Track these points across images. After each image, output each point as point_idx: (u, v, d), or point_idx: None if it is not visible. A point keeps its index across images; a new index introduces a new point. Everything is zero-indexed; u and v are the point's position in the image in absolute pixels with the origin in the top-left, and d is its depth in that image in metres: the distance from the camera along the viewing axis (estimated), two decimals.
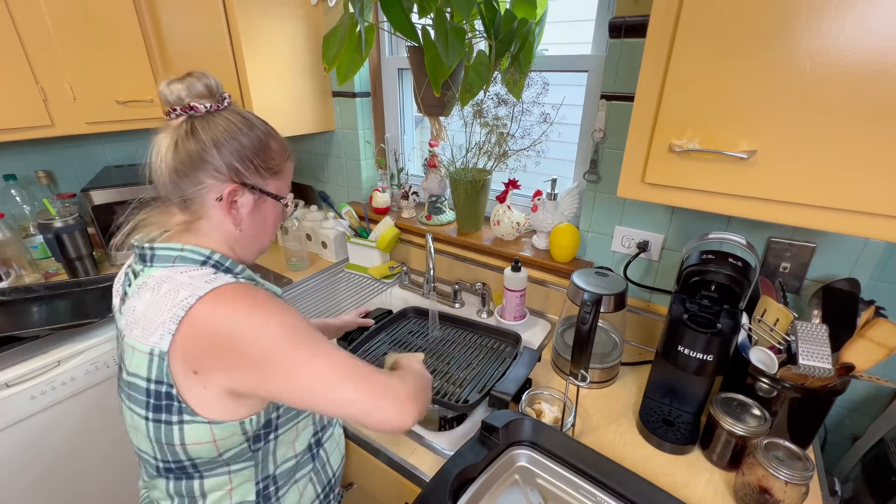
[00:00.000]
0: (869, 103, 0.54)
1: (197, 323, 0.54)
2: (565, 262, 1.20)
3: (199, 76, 0.62)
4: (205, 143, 0.60)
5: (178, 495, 0.65)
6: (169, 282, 0.57)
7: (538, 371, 1.06)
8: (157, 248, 0.61)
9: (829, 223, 0.62)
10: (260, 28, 1.28)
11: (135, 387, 0.58)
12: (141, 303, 0.58)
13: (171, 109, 0.61)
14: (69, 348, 1.19)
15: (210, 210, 0.63)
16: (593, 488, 0.73)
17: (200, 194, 0.61)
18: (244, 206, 0.64)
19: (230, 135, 0.61)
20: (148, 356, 0.56)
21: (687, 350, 0.81)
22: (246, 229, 0.65)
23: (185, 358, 0.55)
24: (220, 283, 0.56)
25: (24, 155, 1.57)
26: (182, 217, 0.64)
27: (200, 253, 0.61)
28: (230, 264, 0.64)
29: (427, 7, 0.97)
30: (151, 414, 0.58)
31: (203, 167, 0.60)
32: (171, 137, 0.61)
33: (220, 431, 0.59)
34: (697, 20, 0.61)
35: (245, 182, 0.63)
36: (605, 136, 1.06)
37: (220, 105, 0.63)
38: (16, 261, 1.40)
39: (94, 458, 1.32)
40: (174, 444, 0.59)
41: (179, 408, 0.57)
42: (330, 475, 0.80)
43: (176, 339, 0.54)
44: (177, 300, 0.55)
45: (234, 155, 0.61)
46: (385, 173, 1.55)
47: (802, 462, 0.69)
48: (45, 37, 1.30)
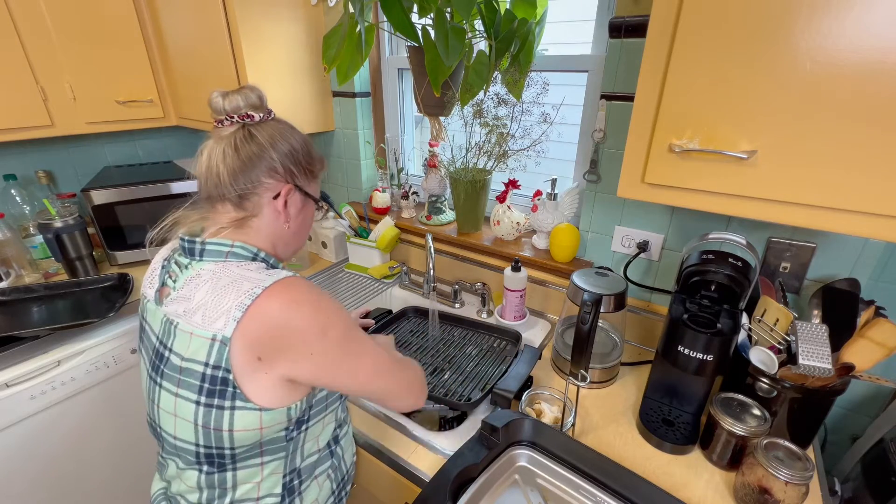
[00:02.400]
0: (869, 103, 0.54)
1: (264, 311, 0.57)
2: (565, 262, 1.20)
3: (253, 88, 0.68)
4: (263, 145, 0.66)
5: (210, 487, 0.67)
6: (228, 274, 0.61)
7: (538, 371, 1.06)
8: (209, 242, 0.64)
9: (829, 223, 0.62)
10: (260, 28, 1.28)
11: (189, 371, 0.60)
12: (200, 292, 0.61)
13: (225, 118, 0.66)
14: (69, 348, 1.19)
15: (265, 208, 0.67)
16: (593, 488, 0.73)
17: (258, 192, 0.66)
18: (293, 205, 0.70)
19: (283, 138, 0.67)
20: (209, 342, 0.58)
21: (687, 350, 0.81)
22: (293, 228, 0.71)
23: (250, 344, 0.58)
24: (281, 276, 0.61)
25: (24, 155, 1.57)
26: (235, 214, 0.67)
27: (249, 250, 0.66)
28: (273, 261, 0.69)
29: (427, 7, 0.97)
30: (204, 398, 0.60)
31: (262, 166, 0.65)
32: (226, 142, 0.65)
33: (267, 418, 0.61)
34: (697, 20, 0.61)
35: (297, 183, 0.69)
36: (605, 136, 1.06)
37: (268, 115, 0.69)
38: (16, 261, 1.40)
39: (94, 457, 1.32)
40: (222, 429, 0.61)
41: (233, 393, 0.59)
42: (344, 472, 0.82)
43: (241, 327, 0.57)
44: (242, 290, 0.58)
45: (289, 157, 0.67)
46: (385, 173, 1.55)
47: (802, 462, 0.69)
48: (45, 37, 1.30)
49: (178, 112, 1.64)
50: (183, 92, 1.56)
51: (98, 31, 1.39)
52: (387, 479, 0.89)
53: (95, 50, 1.40)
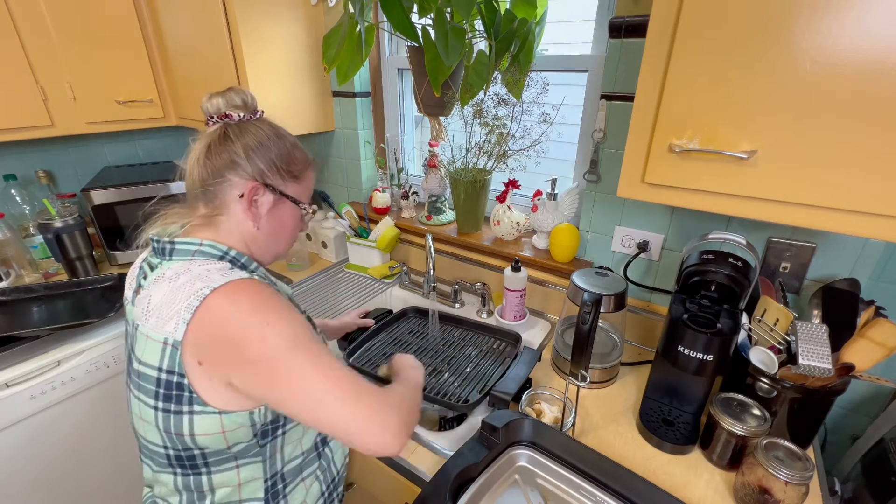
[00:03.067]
0: (869, 103, 0.54)
1: (208, 314, 0.55)
2: (565, 262, 1.20)
3: (238, 91, 0.68)
4: (233, 142, 0.65)
5: (187, 490, 0.66)
6: (186, 273, 0.59)
7: (538, 371, 1.06)
8: (177, 242, 0.63)
9: (829, 223, 0.62)
10: (260, 28, 1.28)
11: (145, 376, 0.59)
12: (158, 293, 0.59)
13: (208, 118, 0.67)
14: (69, 348, 1.19)
15: (231, 205, 0.66)
16: (593, 488, 0.73)
17: (223, 188, 0.65)
18: (263, 205, 0.67)
19: (259, 140, 0.66)
20: (161, 345, 0.57)
21: (687, 350, 0.81)
22: (263, 228, 0.68)
23: (194, 348, 0.56)
24: (235, 277, 0.58)
25: (24, 155, 1.57)
26: (204, 210, 0.67)
27: (219, 248, 0.64)
28: (245, 261, 0.67)
29: (427, 7, 0.97)
30: (161, 403, 0.59)
31: (230, 166, 0.65)
32: (205, 141, 0.66)
33: (228, 422, 0.60)
34: (697, 20, 0.61)
35: (267, 182, 0.67)
36: (605, 136, 1.06)
37: (252, 116, 0.68)
38: (16, 261, 1.40)
39: (94, 457, 1.32)
40: (183, 434, 0.60)
41: (190, 398, 0.58)
42: (334, 473, 0.81)
43: (189, 329, 0.55)
44: (193, 290, 0.56)
45: (259, 155, 0.66)
46: (385, 173, 1.55)
47: (802, 462, 0.69)
48: (45, 37, 1.30)
49: (178, 112, 1.64)
50: (183, 92, 1.56)
51: (98, 31, 1.39)
52: (386, 479, 0.89)
53: (95, 50, 1.40)
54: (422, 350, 1.14)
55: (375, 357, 1.10)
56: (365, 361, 1.09)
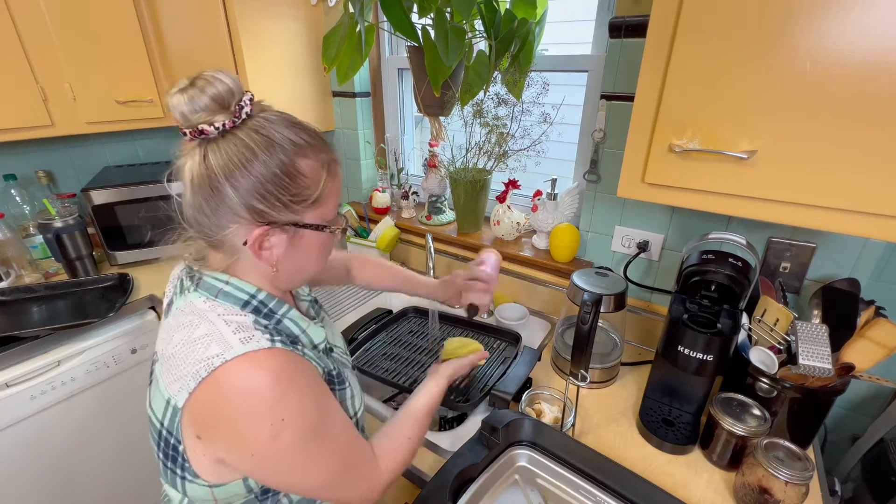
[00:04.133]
0: (869, 103, 0.54)
1: (215, 389, 0.49)
2: (565, 262, 1.20)
3: (204, 85, 0.50)
4: (217, 178, 0.50)
5: None
6: (205, 323, 0.53)
7: (538, 371, 1.06)
8: (206, 275, 0.57)
9: (829, 223, 0.62)
10: (260, 28, 1.28)
11: (151, 423, 0.57)
12: (178, 337, 0.54)
13: (181, 130, 0.52)
14: (69, 348, 1.19)
15: (241, 253, 0.56)
16: (593, 488, 0.73)
17: (227, 239, 0.54)
18: (277, 245, 0.55)
19: (245, 165, 0.50)
20: (165, 402, 0.53)
21: (687, 350, 0.81)
22: (284, 267, 0.58)
23: (194, 419, 0.51)
24: (253, 348, 0.50)
25: (24, 155, 1.56)
26: (217, 255, 0.58)
27: (245, 291, 0.57)
28: (274, 305, 0.59)
29: (427, 7, 0.97)
30: (161, 455, 0.57)
31: (221, 208, 0.52)
32: (189, 168, 0.52)
33: (221, 493, 0.56)
34: (697, 20, 0.61)
35: (273, 221, 0.53)
36: (605, 136, 1.06)
37: (235, 119, 0.51)
38: (16, 261, 1.40)
39: (95, 458, 1.32)
40: (178, 490, 0.58)
41: (183, 465, 0.55)
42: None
43: (191, 398, 0.50)
44: (205, 355, 0.50)
45: (252, 193, 0.51)
46: (385, 173, 1.55)
47: (802, 462, 0.69)
48: (45, 37, 1.30)
49: None
50: None
51: (98, 31, 1.39)
52: None
53: (95, 50, 1.40)
54: (422, 350, 1.14)
55: (375, 357, 1.10)
56: (365, 361, 1.09)
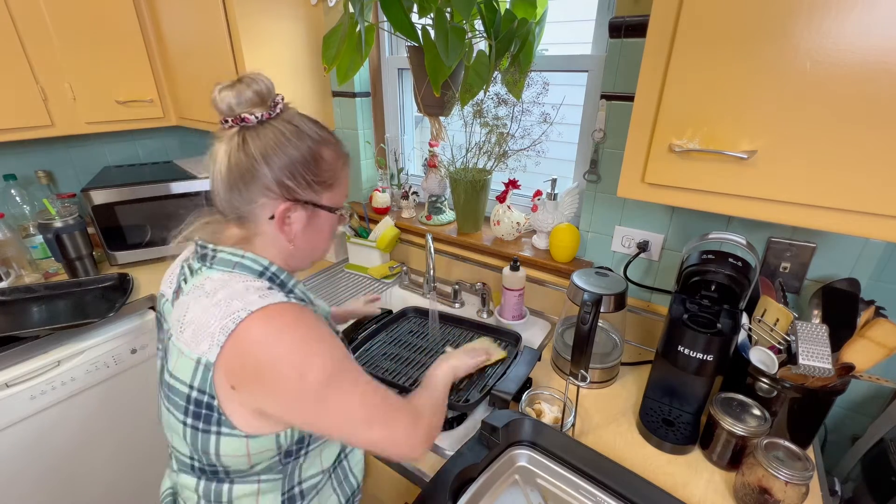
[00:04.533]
0: (869, 103, 0.54)
1: (243, 339, 0.54)
2: (565, 262, 1.20)
3: (249, 82, 0.60)
4: (255, 157, 0.59)
5: (206, 498, 0.66)
6: (224, 289, 0.57)
7: (538, 371, 1.06)
8: (220, 250, 0.62)
9: (829, 223, 0.62)
10: (260, 28, 1.28)
11: (175, 390, 0.59)
12: (195, 306, 0.58)
13: (223, 119, 0.60)
14: (69, 348, 1.19)
15: (264, 226, 0.63)
16: (593, 488, 0.73)
17: (254, 212, 0.62)
18: (297, 221, 0.64)
19: (279, 147, 0.60)
20: (195, 363, 0.56)
21: (687, 350, 0.81)
22: (299, 244, 0.65)
23: (227, 372, 0.55)
24: (272, 301, 0.56)
25: (24, 155, 1.57)
26: (238, 232, 0.64)
27: (260, 263, 0.62)
28: (285, 277, 0.65)
29: (427, 7, 0.97)
30: (190, 420, 0.58)
31: (254, 184, 0.60)
32: (225, 150, 0.60)
33: (255, 445, 0.59)
34: (697, 20, 0.61)
35: (297, 199, 0.62)
36: (605, 136, 1.06)
37: (272, 112, 0.61)
38: (16, 261, 1.40)
39: (95, 458, 1.32)
40: (209, 452, 0.59)
41: (219, 419, 0.57)
42: (353, 486, 0.80)
43: (223, 352, 0.54)
44: (229, 311, 0.55)
45: (284, 171, 0.60)
46: (385, 173, 1.55)
47: (802, 462, 0.69)
48: (45, 37, 1.30)
49: (178, 112, 1.64)
50: (183, 92, 1.56)
51: (98, 31, 1.39)
52: (387, 479, 0.89)
53: (95, 50, 1.40)
54: (422, 350, 1.14)
55: (375, 357, 1.10)
56: (365, 361, 1.08)
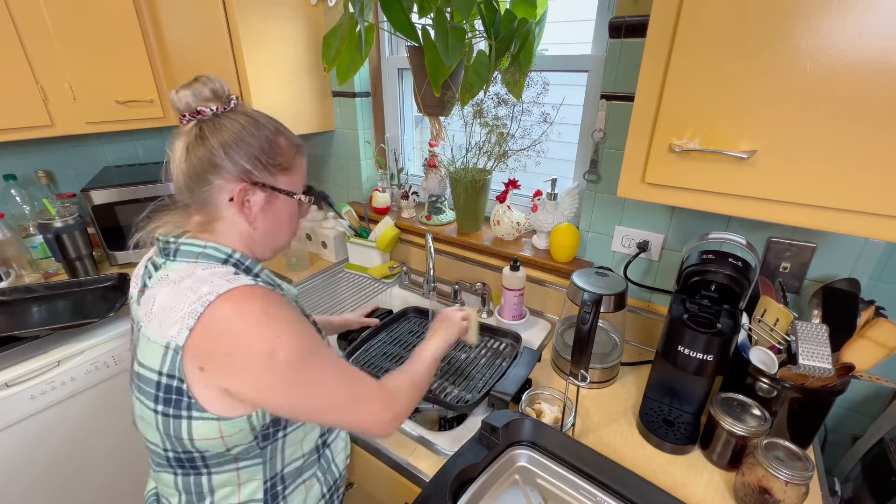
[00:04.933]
0: (869, 103, 0.54)
1: (212, 320, 0.55)
2: (565, 262, 1.20)
3: (205, 81, 0.63)
4: (213, 145, 0.61)
5: (186, 491, 0.66)
6: (190, 277, 0.59)
7: (538, 371, 1.06)
8: (182, 243, 0.63)
9: (829, 223, 0.62)
10: (260, 28, 1.28)
11: (145, 378, 0.59)
12: (161, 295, 0.59)
13: (181, 116, 0.63)
14: (69, 348, 1.19)
15: (224, 211, 0.65)
16: (593, 488, 0.73)
17: (213, 195, 0.63)
18: (256, 203, 0.65)
19: (237, 136, 0.62)
20: (163, 349, 0.57)
21: (687, 350, 0.81)
22: (260, 227, 0.67)
23: (196, 354, 0.56)
24: (240, 284, 0.58)
25: (24, 155, 1.56)
26: (199, 218, 0.66)
27: (222, 251, 0.64)
28: (250, 263, 0.66)
29: (427, 7, 0.97)
30: (161, 407, 0.59)
31: (213, 169, 0.62)
32: (182, 143, 0.63)
33: (227, 427, 0.60)
34: (697, 20, 0.61)
35: (255, 181, 0.64)
36: (605, 136, 1.06)
37: (226, 107, 0.64)
38: (16, 261, 1.40)
39: (94, 458, 1.32)
40: (182, 437, 0.60)
41: (189, 403, 0.58)
42: (336, 475, 0.81)
43: (192, 335, 0.55)
44: (197, 295, 0.56)
45: (242, 155, 0.63)
46: (385, 173, 1.55)
47: (802, 462, 0.69)
48: (45, 37, 1.30)
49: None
50: None
51: (98, 31, 1.39)
52: (386, 479, 0.89)
53: (95, 50, 1.40)
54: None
55: (375, 357, 1.10)
56: (365, 361, 1.09)
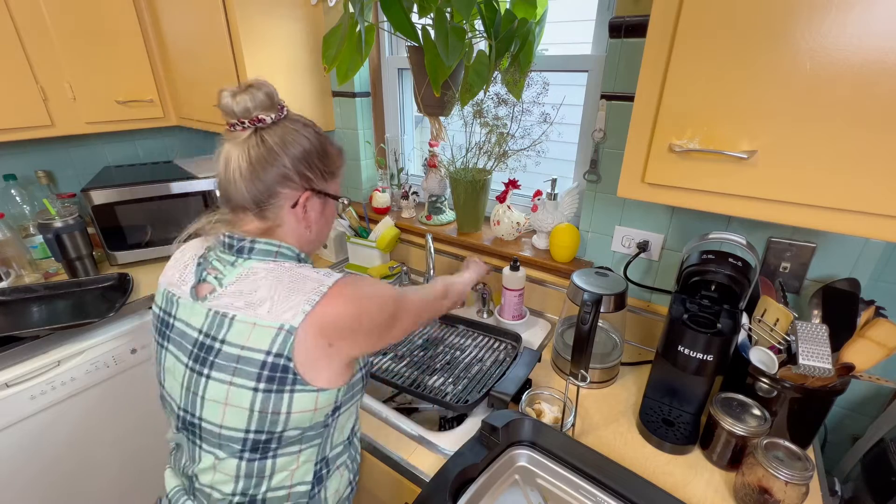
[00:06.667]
0: (869, 103, 0.54)
1: (334, 308, 0.62)
2: (565, 262, 1.20)
3: (260, 86, 0.65)
4: (276, 153, 0.65)
5: (248, 476, 0.67)
6: (288, 274, 0.64)
7: (538, 371, 1.06)
8: (258, 241, 0.66)
9: (829, 223, 0.62)
10: (260, 28, 1.28)
11: (247, 360, 0.61)
12: (263, 288, 0.63)
13: (236, 122, 0.65)
14: (69, 348, 1.19)
15: (286, 216, 0.68)
16: (593, 488, 0.73)
17: (277, 203, 0.67)
18: (313, 209, 0.71)
19: (296, 142, 0.66)
20: (276, 330, 0.60)
21: (687, 350, 0.81)
22: (314, 229, 0.73)
23: (321, 333, 0.61)
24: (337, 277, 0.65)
25: (24, 155, 1.57)
26: (259, 224, 0.68)
27: (292, 251, 0.69)
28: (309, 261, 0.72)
29: (427, 7, 0.97)
30: (263, 384, 0.61)
31: (277, 177, 0.65)
32: (241, 149, 0.65)
33: (322, 399, 0.64)
34: (697, 20, 0.61)
35: (314, 188, 0.69)
36: (605, 136, 1.06)
37: (280, 115, 0.67)
38: (16, 261, 1.40)
39: (95, 458, 1.32)
40: (280, 411, 0.62)
41: (294, 378, 0.62)
42: (357, 465, 0.83)
43: (309, 318, 0.60)
44: (308, 288, 0.62)
45: (303, 163, 0.67)
46: (385, 173, 1.55)
47: (802, 462, 0.69)
48: (45, 37, 1.30)
49: (178, 112, 1.64)
50: (183, 92, 1.56)
51: (98, 31, 1.39)
52: (387, 479, 0.89)
53: (95, 50, 1.40)
54: (422, 349, 1.14)
55: (375, 357, 1.10)
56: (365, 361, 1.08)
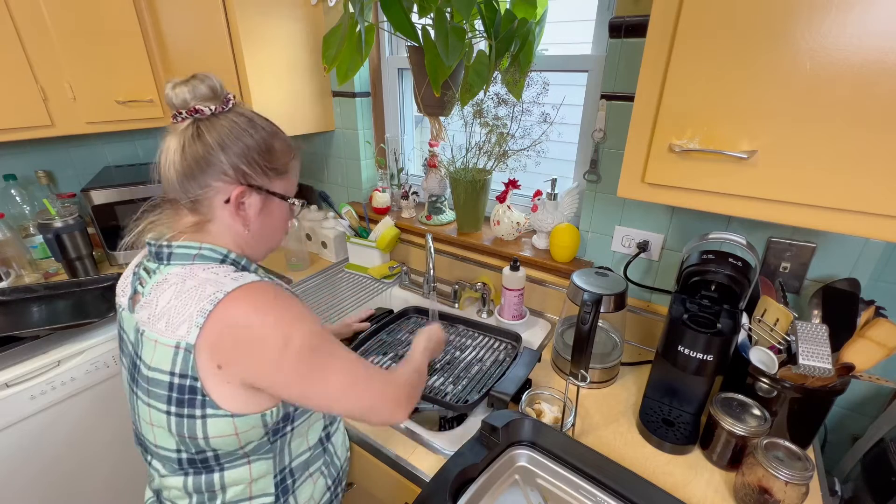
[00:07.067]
0: (869, 103, 0.54)
1: (225, 317, 0.56)
2: (565, 262, 1.20)
3: (203, 78, 0.62)
4: (210, 145, 0.61)
5: (198, 492, 0.66)
6: (193, 278, 0.59)
7: (538, 371, 1.06)
8: (176, 246, 0.62)
9: (829, 223, 0.62)
10: (260, 28, 1.28)
11: (155, 381, 0.59)
12: (164, 298, 0.59)
13: (176, 112, 0.62)
14: (69, 348, 1.19)
15: (218, 212, 0.64)
16: (593, 488, 0.73)
17: (208, 196, 0.63)
18: (251, 206, 0.65)
19: (235, 136, 0.62)
20: (173, 349, 0.57)
21: (687, 350, 0.81)
22: (254, 230, 0.67)
23: (210, 351, 0.56)
24: (247, 281, 0.59)
25: (24, 155, 1.56)
26: (192, 219, 0.65)
27: (218, 251, 0.64)
28: (245, 263, 0.66)
29: (427, 7, 0.97)
30: (174, 408, 0.59)
31: (210, 170, 0.61)
32: (178, 140, 0.61)
33: (241, 424, 0.60)
34: (697, 20, 0.61)
35: (252, 184, 0.64)
36: (605, 136, 1.06)
37: (224, 107, 0.63)
38: (16, 261, 1.40)
39: (94, 458, 1.32)
40: (197, 437, 0.60)
41: (203, 401, 0.58)
42: (338, 468, 0.81)
43: (203, 333, 0.55)
44: (204, 294, 0.56)
45: (240, 157, 0.62)
46: (385, 173, 1.55)
47: (802, 462, 0.69)
48: (45, 37, 1.30)
49: None
50: None
51: (98, 31, 1.39)
52: (386, 479, 0.89)
53: (95, 50, 1.40)
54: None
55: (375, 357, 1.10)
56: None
